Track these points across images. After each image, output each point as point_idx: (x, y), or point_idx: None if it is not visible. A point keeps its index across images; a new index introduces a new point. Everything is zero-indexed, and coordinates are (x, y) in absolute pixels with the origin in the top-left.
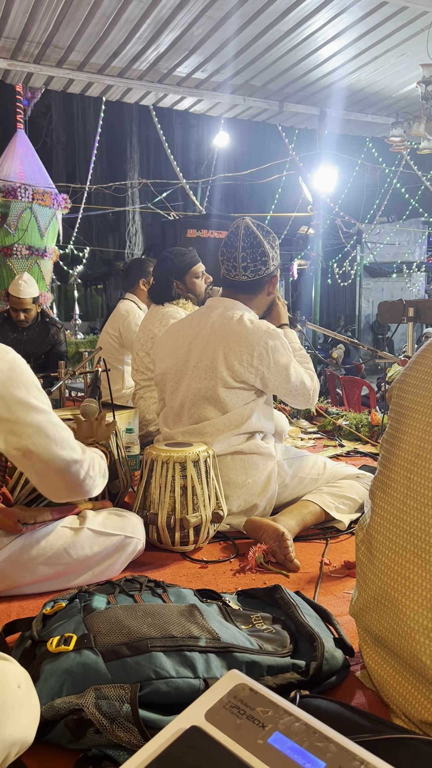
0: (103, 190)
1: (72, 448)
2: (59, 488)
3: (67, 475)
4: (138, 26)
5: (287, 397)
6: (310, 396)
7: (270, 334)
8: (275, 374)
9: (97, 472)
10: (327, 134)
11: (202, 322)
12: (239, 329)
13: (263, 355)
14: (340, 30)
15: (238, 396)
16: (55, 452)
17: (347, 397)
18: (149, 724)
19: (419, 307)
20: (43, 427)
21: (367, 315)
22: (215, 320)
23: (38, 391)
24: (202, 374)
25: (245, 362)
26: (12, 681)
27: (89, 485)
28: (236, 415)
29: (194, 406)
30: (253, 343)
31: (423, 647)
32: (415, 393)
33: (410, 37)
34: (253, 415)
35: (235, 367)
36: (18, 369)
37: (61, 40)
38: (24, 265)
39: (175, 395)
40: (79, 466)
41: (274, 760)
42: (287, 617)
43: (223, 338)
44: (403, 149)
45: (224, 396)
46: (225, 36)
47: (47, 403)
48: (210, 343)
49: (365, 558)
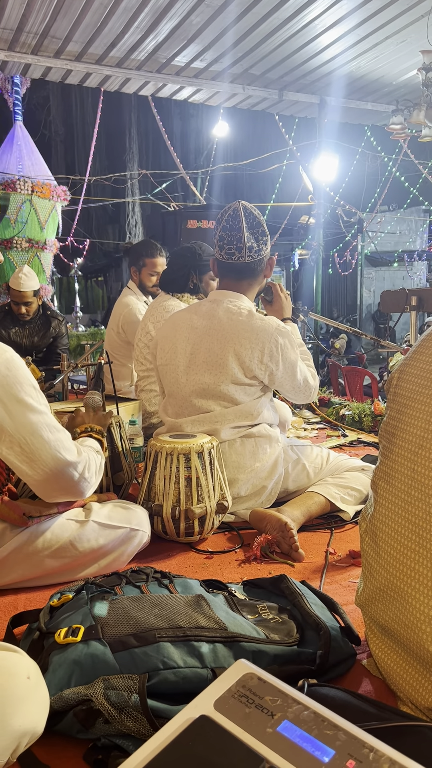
0: (103, 181)
1: (67, 449)
2: (53, 489)
3: (62, 477)
4: (136, 15)
5: (289, 392)
6: (311, 393)
7: (280, 331)
8: (283, 371)
9: (92, 473)
10: (327, 123)
11: (209, 316)
12: (250, 326)
13: (273, 353)
14: (340, 17)
15: (246, 392)
16: (50, 454)
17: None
18: (158, 713)
19: (422, 296)
20: (39, 428)
21: (368, 304)
22: (222, 315)
23: (35, 391)
24: (211, 368)
25: (256, 359)
26: (21, 672)
27: (83, 487)
28: (248, 406)
29: (200, 399)
30: (264, 340)
31: (429, 637)
32: (416, 383)
33: (410, 23)
34: (259, 408)
35: (246, 362)
36: (15, 368)
37: (58, 30)
38: (24, 257)
39: (179, 386)
40: (74, 468)
41: (284, 749)
42: (293, 606)
43: (234, 335)
44: (403, 137)
45: (232, 391)
46: (224, 24)
47: (44, 403)
48: (218, 339)
49: (370, 549)
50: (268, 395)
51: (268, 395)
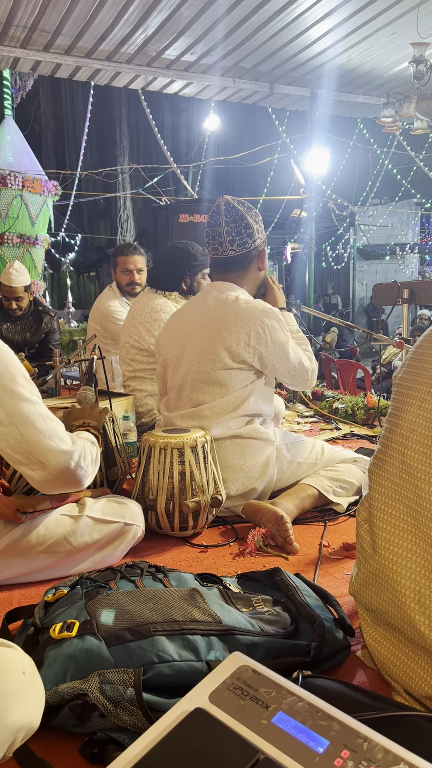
0: (94, 176)
1: (61, 438)
2: (49, 481)
3: (57, 467)
4: (125, 8)
5: (286, 377)
6: (309, 376)
7: (266, 312)
8: (273, 353)
9: (88, 462)
10: (318, 116)
11: (199, 307)
12: (235, 309)
13: (260, 334)
14: (330, 9)
15: (238, 377)
16: (44, 444)
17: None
18: (153, 707)
19: (414, 288)
20: (32, 417)
21: (361, 298)
22: (211, 303)
23: (26, 381)
24: (201, 358)
25: (242, 342)
26: (16, 667)
27: (80, 476)
28: (234, 397)
29: (193, 390)
30: (250, 323)
31: (419, 615)
32: (413, 373)
33: (400, 15)
34: (251, 397)
35: (232, 347)
36: (5, 359)
37: (47, 23)
38: (15, 253)
39: (175, 380)
40: (69, 457)
41: (279, 740)
42: (287, 599)
43: (220, 320)
44: (394, 130)
45: (223, 377)
46: (214, 17)
47: (36, 393)
48: (207, 327)
49: (366, 534)
50: (260, 382)
51: (260, 382)
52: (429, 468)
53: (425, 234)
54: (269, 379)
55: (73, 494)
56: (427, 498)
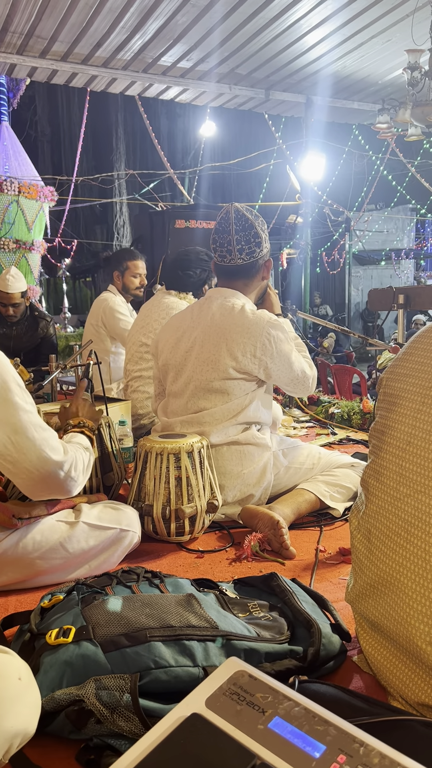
0: (90, 181)
1: (53, 449)
2: (38, 488)
3: (47, 476)
4: (122, 15)
5: (288, 386)
6: (310, 384)
7: (272, 324)
8: (278, 364)
9: (79, 471)
10: (314, 122)
11: (203, 314)
12: (241, 320)
13: (266, 346)
14: (325, 16)
15: (240, 386)
16: (35, 453)
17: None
18: (149, 713)
19: (409, 293)
20: (25, 426)
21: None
22: (216, 311)
23: (20, 389)
24: (204, 366)
25: (248, 353)
26: (12, 673)
27: (70, 486)
28: (235, 405)
29: (195, 396)
30: (256, 334)
31: (419, 632)
32: (404, 381)
33: (395, 22)
34: (251, 404)
35: (238, 358)
36: (0, 367)
37: (44, 30)
38: (12, 258)
39: (175, 385)
40: (59, 468)
41: (275, 745)
42: (284, 604)
43: (225, 330)
44: (389, 136)
45: (226, 386)
46: (209, 24)
47: (30, 401)
48: (212, 335)
49: (361, 545)
50: (260, 390)
51: (260, 390)
52: (429, 481)
53: (420, 240)
54: (269, 386)
55: (69, 500)
56: (427, 512)
